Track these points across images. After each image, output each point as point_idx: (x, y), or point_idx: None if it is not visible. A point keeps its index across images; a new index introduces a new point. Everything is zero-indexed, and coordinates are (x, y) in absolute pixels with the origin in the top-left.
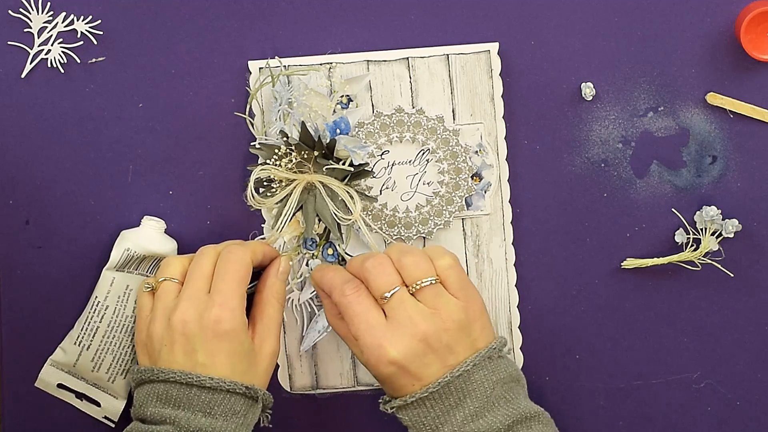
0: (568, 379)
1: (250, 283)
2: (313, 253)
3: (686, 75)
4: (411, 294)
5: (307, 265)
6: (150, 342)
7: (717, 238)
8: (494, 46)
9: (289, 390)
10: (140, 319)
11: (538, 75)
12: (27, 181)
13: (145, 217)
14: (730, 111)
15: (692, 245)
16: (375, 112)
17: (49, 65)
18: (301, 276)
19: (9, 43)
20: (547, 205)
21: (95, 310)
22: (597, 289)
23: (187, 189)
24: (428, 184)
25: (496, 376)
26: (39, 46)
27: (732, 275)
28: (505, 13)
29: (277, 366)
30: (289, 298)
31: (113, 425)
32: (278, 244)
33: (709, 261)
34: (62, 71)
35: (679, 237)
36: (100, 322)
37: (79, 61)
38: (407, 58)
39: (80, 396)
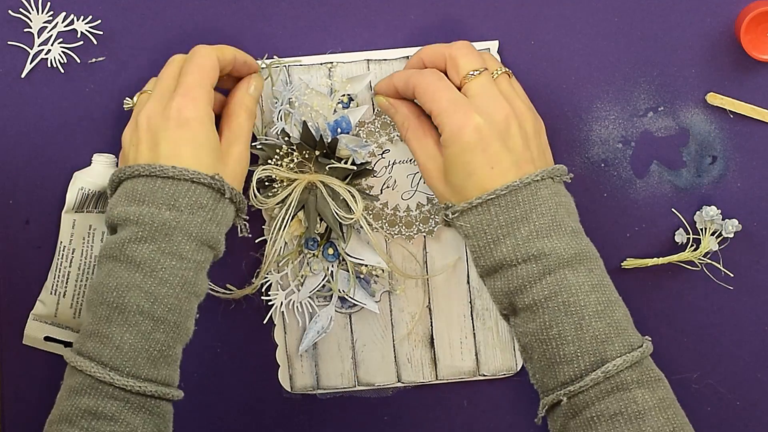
0: None
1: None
2: (314, 253)
3: (686, 75)
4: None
5: (308, 265)
6: (123, 148)
7: (717, 238)
8: (494, 45)
9: (289, 390)
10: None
11: (538, 75)
12: (27, 181)
13: (95, 154)
14: (730, 111)
15: (692, 245)
16: (376, 111)
17: (49, 65)
18: (302, 277)
19: (9, 43)
20: None
21: (63, 255)
22: None
23: None
24: None
25: (559, 198)
26: (39, 46)
27: (732, 275)
28: (505, 12)
29: (278, 366)
30: (290, 299)
31: None
32: (279, 245)
33: (709, 261)
34: (62, 71)
35: (679, 237)
36: (70, 266)
37: (79, 61)
38: (408, 57)
39: (69, 345)
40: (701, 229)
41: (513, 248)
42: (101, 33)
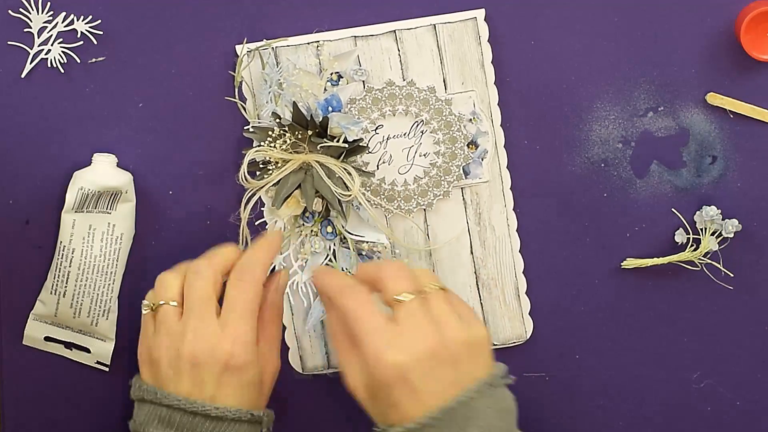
0: (568, 379)
1: None
2: (312, 229)
3: (686, 75)
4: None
5: (310, 244)
6: (155, 366)
7: (717, 237)
8: (480, 13)
9: (300, 371)
10: (144, 337)
11: (538, 75)
12: (27, 181)
13: (95, 154)
14: (730, 111)
15: (692, 245)
16: (366, 87)
17: (49, 65)
18: (305, 259)
19: (9, 43)
20: (547, 205)
21: (63, 255)
22: (597, 289)
23: (187, 189)
24: (425, 155)
25: (499, 405)
26: (39, 46)
27: (732, 275)
28: (505, 12)
29: (288, 348)
30: (294, 280)
31: (107, 369)
32: (277, 226)
33: (709, 261)
34: (62, 71)
35: (679, 237)
36: (69, 266)
37: (79, 61)
38: (394, 31)
39: (69, 346)
40: (701, 229)
41: None
42: (101, 33)
